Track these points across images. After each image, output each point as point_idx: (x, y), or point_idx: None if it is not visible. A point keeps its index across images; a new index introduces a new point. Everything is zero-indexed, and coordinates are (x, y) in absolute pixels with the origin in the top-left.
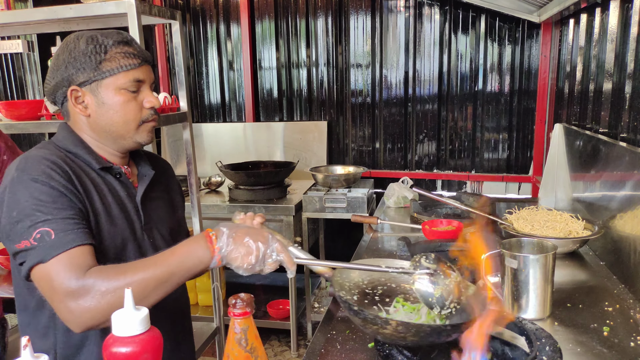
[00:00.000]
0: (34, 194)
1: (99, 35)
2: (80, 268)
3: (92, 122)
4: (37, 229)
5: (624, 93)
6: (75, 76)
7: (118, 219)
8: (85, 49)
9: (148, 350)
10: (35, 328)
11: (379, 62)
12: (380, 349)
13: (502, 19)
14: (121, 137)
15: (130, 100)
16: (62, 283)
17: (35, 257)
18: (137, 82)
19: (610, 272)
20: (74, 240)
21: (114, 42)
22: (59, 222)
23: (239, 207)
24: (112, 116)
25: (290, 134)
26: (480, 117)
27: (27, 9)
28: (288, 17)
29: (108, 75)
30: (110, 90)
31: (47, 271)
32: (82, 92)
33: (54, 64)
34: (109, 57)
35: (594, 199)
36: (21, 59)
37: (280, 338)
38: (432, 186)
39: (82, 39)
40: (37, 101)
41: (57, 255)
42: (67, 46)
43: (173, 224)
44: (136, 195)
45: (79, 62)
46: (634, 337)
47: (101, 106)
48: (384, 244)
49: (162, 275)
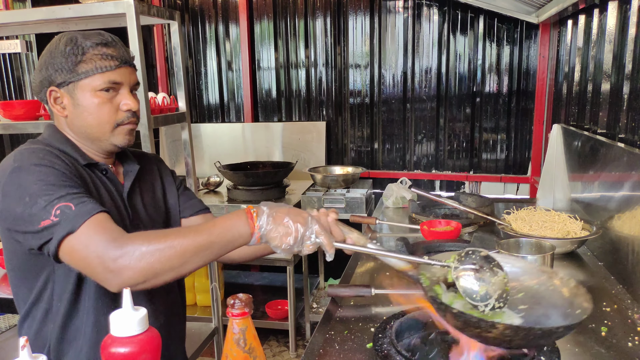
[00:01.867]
0: (41, 177)
1: (79, 37)
2: (113, 231)
3: (69, 123)
4: (54, 206)
5: (622, 94)
6: (54, 77)
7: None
8: (64, 50)
9: (146, 351)
10: (31, 324)
11: (377, 62)
12: (379, 349)
13: (501, 20)
14: (97, 139)
15: (105, 103)
16: (99, 246)
17: (63, 230)
18: (113, 83)
19: (608, 273)
20: (95, 208)
21: (93, 43)
22: (74, 196)
23: (237, 207)
24: (87, 118)
25: (288, 135)
26: (478, 118)
27: (25, 9)
28: (287, 17)
29: (84, 76)
30: (86, 92)
31: (79, 240)
32: (60, 93)
33: (38, 63)
34: (86, 58)
35: (592, 199)
36: (19, 59)
37: (279, 338)
38: (431, 186)
39: (63, 39)
40: (35, 101)
41: (84, 222)
42: (50, 47)
43: (160, 217)
44: (123, 191)
45: (57, 62)
46: (631, 337)
47: (77, 107)
48: (383, 245)
49: (203, 243)
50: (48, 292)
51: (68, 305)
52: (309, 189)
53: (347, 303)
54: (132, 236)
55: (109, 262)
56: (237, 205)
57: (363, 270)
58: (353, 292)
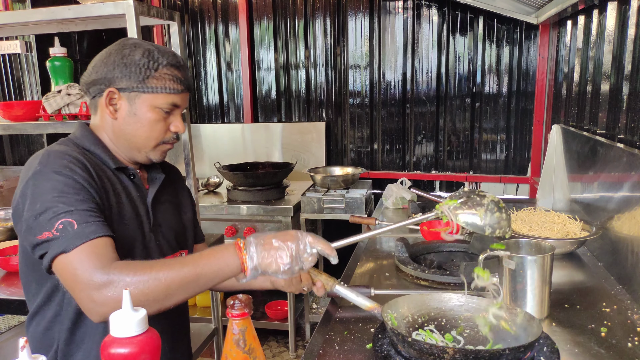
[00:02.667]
0: (57, 186)
1: (156, 52)
2: (104, 258)
3: (116, 126)
4: (59, 219)
5: (621, 94)
6: (118, 80)
7: (130, 218)
8: (139, 60)
9: (146, 351)
10: (39, 322)
11: (377, 63)
12: (378, 350)
13: (500, 21)
14: (137, 149)
15: (160, 120)
16: (86, 272)
17: (58, 247)
18: (173, 106)
19: (608, 273)
20: (96, 232)
21: (167, 62)
22: (81, 213)
23: (237, 207)
24: (138, 129)
25: (288, 135)
26: (478, 118)
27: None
28: (286, 18)
29: (150, 91)
30: (146, 105)
31: (70, 261)
32: (119, 96)
33: (102, 60)
34: (157, 74)
35: (592, 200)
36: (19, 60)
37: (279, 339)
38: (430, 187)
39: (140, 48)
40: (35, 102)
41: (80, 245)
42: (122, 49)
43: (178, 227)
44: (147, 197)
45: (128, 69)
46: (631, 337)
47: (131, 116)
48: (382, 245)
49: (188, 275)
50: (59, 296)
51: (78, 309)
52: (308, 189)
53: (346, 303)
54: (119, 265)
55: (93, 291)
56: (237, 206)
57: (362, 271)
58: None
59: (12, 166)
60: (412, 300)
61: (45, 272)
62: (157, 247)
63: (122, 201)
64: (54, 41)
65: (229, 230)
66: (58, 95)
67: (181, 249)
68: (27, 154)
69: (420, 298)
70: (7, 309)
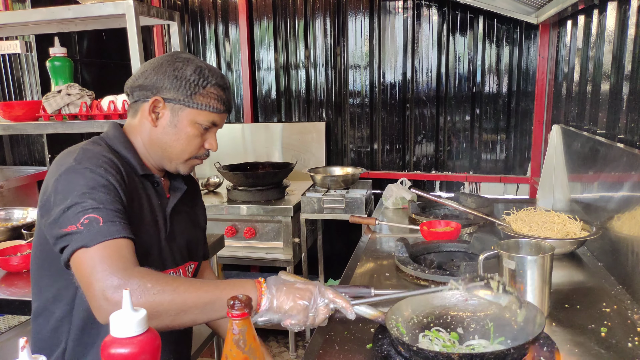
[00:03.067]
0: (90, 183)
1: (207, 70)
2: (126, 260)
3: (153, 133)
4: (86, 214)
5: (621, 94)
6: (166, 90)
7: (149, 225)
8: (190, 75)
9: (146, 352)
10: (47, 319)
11: (377, 63)
12: (379, 350)
13: (500, 20)
14: (169, 159)
15: (197, 136)
16: (106, 270)
17: (80, 241)
18: (212, 124)
19: (608, 273)
20: (120, 232)
21: (215, 82)
22: (109, 212)
23: (237, 207)
24: (175, 140)
25: (288, 135)
26: (478, 118)
27: (25, 10)
28: (286, 18)
29: (195, 107)
30: (188, 118)
31: (90, 256)
32: (163, 106)
33: (154, 68)
34: (204, 92)
35: (592, 200)
36: (19, 60)
37: (279, 339)
38: (430, 187)
39: (192, 64)
40: (35, 102)
41: (102, 241)
42: (174, 61)
43: (191, 239)
44: (167, 206)
45: (178, 82)
46: (631, 337)
47: (172, 127)
48: (382, 245)
49: (206, 296)
50: (70, 293)
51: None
52: (308, 189)
53: None
54: (141, 271)
55: (109, 290)
56: (237, 206)
57: (363, 271)
58: (353, 292)
59: (12, 166)
60: (414, 302)
61: (62, 266)
62: (171, 256)
63: (143, 207)
64: (54, 41)
65: (229, 230)
66: (58, 95)
67: (191, 260)
68: (27, 154)
69: (423, 298)
70: (7, 309)
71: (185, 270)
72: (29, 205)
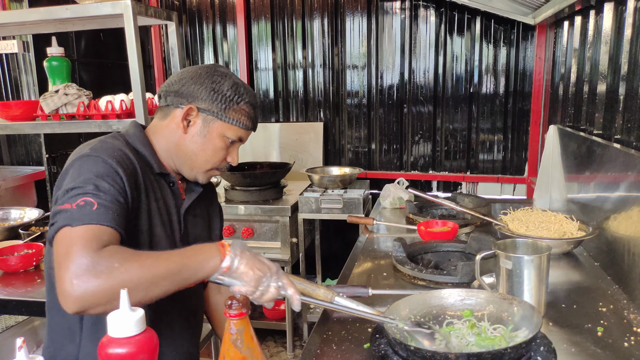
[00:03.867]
0: (99, 171)
1: (242, 88)
2: (102, 243)
3: (182, 140)
4: (84, 197)
5: (618, 95)
6: (202, 101)
7: (164, 224)
8: (226, 91)
9: (144, 351)
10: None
11: (374, 63)
12: (376, 350)
13: (497, 21)
14: (190, 167)
15: (222, 149)
16: (82, 250)
17: (67, 220)
18: (239, 139)
19: (604, 273)
20: (109, 221)
21: (249, 101)
22: (107, 201)
23: (235, 207)
24: (202, 150)
25: (286, 135)
26: (475, 119)
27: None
28: (284, 18)
29: (227, 120)
30: (217, 131)
31: (71, 235)
32: (196, 114)
33: (192, 77)
34: (237, 108)
35: (589, 200)
36: (16, 60)
37: (276, 339)
38: (428, 187)
39: (229, 80)
40: (32, 102)
41: (89, 224)
42: (213, 74)
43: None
44: (182, 206)
45: (215, 94)
46: (627, 337)
47: (201, 136)
48: (380, 245)
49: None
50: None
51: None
52: (306, 189)
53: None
54: (109, 250)
55: (77, 274)
56: (235, 206)
57: (360, 271)
58: (350, 292)
59: (9, 166)
60: (412, 301)
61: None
62: None
63: (160, 206)
64: (51, 41)
65: (227, 230)
66: (55, 95)
67: None
68: (25, 153)
69: (421, 297)
70: (4, 309)
71: None
72: (26, 205)
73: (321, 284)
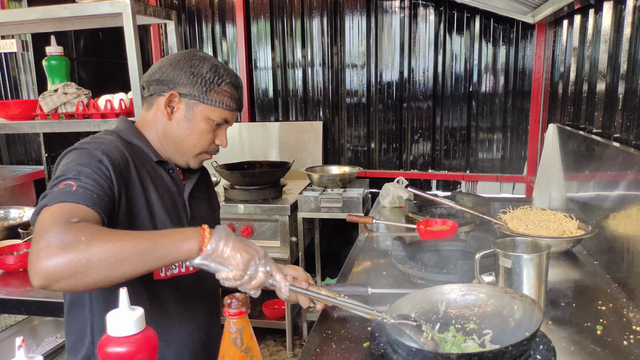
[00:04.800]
0: (83, 160)
1: (222, 69)
2: (73, 218)
3: (168, 127)
4: (65, 181)
5: (617, 94)
6: (183, 85)
7: (170, 211)
8: (206, 73)
9: (143, 350)
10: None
11: (374, 62)
12: (375, 349)
13: (497, 20)
14: (180, 153)
15: (209, 132)
16: (52, 224)
17: (46, 201)
18: (224, 121)
19: (603, 271)
20: (88, 200)
21: (230, 81)
22: (86, 184)
23: (234, 206)
24: (188, 135)
25: (285, 134)
26: (474, 118)
27: (21, 9)
28: (283, 17)
29: (209, 103)
30: (201, 114)
31: (47, 214)
32: (179, 100)
33: (171, 63)
34: (218, 90)
35: (588, 198)
36: (15, 59)
37: (276, 338)
38: (427, 186)
39: (208, 62)
40: (31, 101)
41: (64, 202)
42: (191, 58)
43: (211, 223)
44: (184, 191)
45: (195, 78)
46: (627, 335)
47: (186, 121)
48: (379, 244)
49: (144, 243)
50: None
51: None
52: (305, 188)
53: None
54: (80, 225)
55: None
56: (234, 205)
57: (360, 270)
58: (350, 291)
59: (8, 165)
60: (413, 299)
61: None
62: None
63: (162, 194)
64: (50, 40)
65: None
66: (54, 94)
67: None
68: (24, 153)
69: (422, 294)
70: (3, 308)
71: None
72: (26, 204)
73: (321, 284)
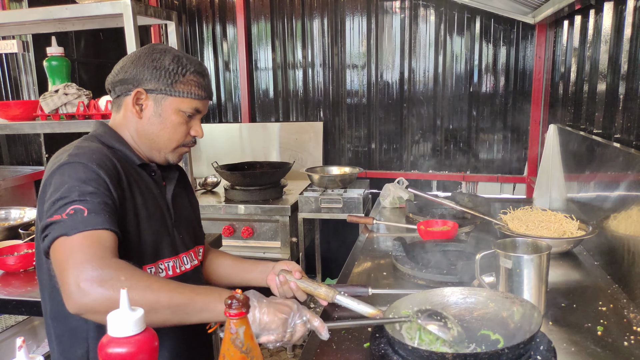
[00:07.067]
0: (81, 177)
1: (184, 59)
2: (106, 250)
3: (139, 126)
4: (72, 205)
5: (617, 94)
6: (147, 81)
7: (155, 214)
8: (168, 65)
9: (144, 351)
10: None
11: (374, 63)
12: (376, 349)
13: (497, 21)
14: (157, 149)
15: (182, 124)
16: (84, 257)
17: (61, 229)
18: (196, 111)
19: (604, 272)
20: (103, 223)
21: (195, 70)
22: (95, 204)
23: (234, 207)
24: (161, 130)
25: (286, 135)
26: (475, 118)
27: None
28: (284, 17)
29: (177, 95)
30: (171, 107)
31: (69, 244)
32: (146, 97)
33: (132, 61)
34: (184, 80)
35: (588, 199)
36: (16, 59)
37: None
38: (428, 187)
39: (169, 54)
40: (32, 102)
41: (84, 231)
42: (152, 53)
43: (194, 223)
44: (166, 193)
45: (158, 72)
46: (627, 336)
47: (156, 117)
48: (380, 245)
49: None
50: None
51: None
52: (306, 189)
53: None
54: (118, 262)
55: (83, 278)
56: (235, 206)
57: (360, 270)
58: (350, 291)
59: (9, 166)
60: (413, 300)
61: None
62: (182, 242)
63: (146, 197)
64: (51, 41)
65: (227, 230)
66: (55, 95)
67: (197, 245)
68: (24, 153)
69: (423, 296)
70: (4, 309)
71: (196, 254)
72: (26, 205)
73: (322, 283)
